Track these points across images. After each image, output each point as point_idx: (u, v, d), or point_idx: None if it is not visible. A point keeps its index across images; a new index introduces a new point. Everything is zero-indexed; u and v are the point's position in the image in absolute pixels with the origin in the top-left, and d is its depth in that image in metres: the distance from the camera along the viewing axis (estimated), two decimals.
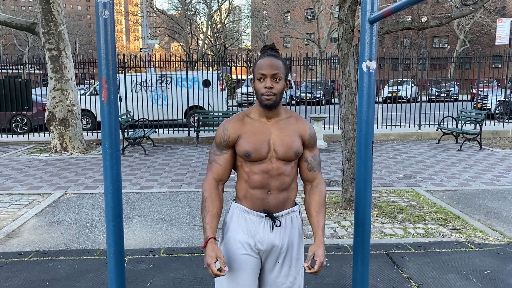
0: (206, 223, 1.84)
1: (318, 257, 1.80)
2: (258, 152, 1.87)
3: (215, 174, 1.93)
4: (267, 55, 1.88)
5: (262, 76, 1.85)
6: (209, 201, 1.88)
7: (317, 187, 2.00)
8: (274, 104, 1.86)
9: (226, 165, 1.93)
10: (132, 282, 3.49)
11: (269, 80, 1.84)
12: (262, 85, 1.85)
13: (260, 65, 1.86)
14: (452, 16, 6.25)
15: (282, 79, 1.86)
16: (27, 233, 4.67)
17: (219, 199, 1.91)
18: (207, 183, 1.92)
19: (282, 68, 1.86)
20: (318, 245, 1.84)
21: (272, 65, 1.84)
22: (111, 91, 2.08)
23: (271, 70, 1.83)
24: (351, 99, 5.29)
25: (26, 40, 43.21)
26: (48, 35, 9.19)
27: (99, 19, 2.06)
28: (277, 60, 1.86)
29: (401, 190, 6.27)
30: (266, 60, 1.85)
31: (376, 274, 3.62)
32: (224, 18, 39.71)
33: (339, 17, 5.27)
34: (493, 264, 3.79)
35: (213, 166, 1.93)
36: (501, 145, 10.25)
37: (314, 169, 2.00)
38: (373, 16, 2.02)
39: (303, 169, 2.00)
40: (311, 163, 1.99)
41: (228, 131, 1.91)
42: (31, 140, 11.13)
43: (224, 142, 1.91)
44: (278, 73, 1.84)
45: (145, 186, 6.66)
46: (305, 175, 2.01)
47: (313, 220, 1.93)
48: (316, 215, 1.93)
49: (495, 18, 30.05)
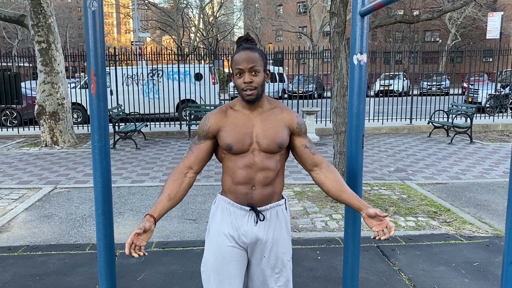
0: (157, 201, 1.87)
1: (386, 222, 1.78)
2: (240, 144, 1.85)
3: (186, 161, 1.94)
4: (242, 48, 1.85)
5: (240, 71, 1.82)
6: (168, 183, 1.90)
7: (330, 166, 1.96)
8: (256, 98, 1.84)
9: (200, 154, 1.93)
10: (123, 276, 3.48)
11: (247, 74, 1.81)
12: (241, 80, 1.83)
13: (236, 60, 1.83)
14: (444, 10, 6.27)
15: (260, 71, 1.83)
16: (17, 228, 4.63)
17: (179, 183, 1.90)
18: (176, 167, 1.95)
19: (259, 60, 1.83)
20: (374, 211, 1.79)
21: (249, 59, 1.81)
22: (100, 84, 2.06)
23: (248, 64, 1.81)
24: (342, 92, 5.29)
25: (16, 32, 42.66)
26: (37, 27, 9.07)
27: (87, 11, 2.03)
28: (252, 52, 1.82)
29: (392, 183, 6.31)
30: (242, 54, 1.82)
31: (367, 266, 3.65)
32: (216, 11, 39.49)
33: (331, 10, 5.26)
34: (482, 256, 3.83)
35: (188, 154, 1.95)
36: (491, 139, 10.34)
37: (316, 153, 1.97)
38: (364, 9, 2.01)
39: (306, 155, 1.96)
40: (311, 147, 1.96)
41: (209, 122, 1.90)
42: (21, 134, 11.02)
43: (203, 133, 1.92)
44: (255, 65, 1.81)
45: (137, 180, 6.63)
46: (310, 160, 1.96)
47: (346, 196, 1.89)
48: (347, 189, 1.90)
49: (486, 12, 30.19)
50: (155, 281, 3.41)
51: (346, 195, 1.89)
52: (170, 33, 39.07)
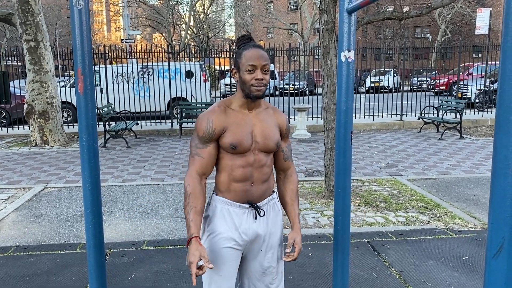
0: (191, 220, 1.79)
1: (297, 244, 1.90)
2: (243, 144, 1.86)
3: (198, 168, 1.87)
4: (253, 46, 1.87)
5: (253, 67, 1.83)
6: (193, 197, 1.83)
7: (291, 176, 2.07)
8: (263, 95, 1.88)
9: (210, 158, 1.89)
10: (114, 275, 3.47)
11: (260, 71, 1.84)
12: (252, 76, 1.83)
13: (249, 56, 1.83)
14: (433, 6, 6.30)
15: (269, 71, 1.88)
16: (7, 228, 4.59)
17: (203, 194, 1.86)
18: (190, 177, 1.86)
19: (269, 60, 1.89)
20: (297, 231, 1.94)
21: (262, 56, 1.84)
22: (88, 83, 2.05)
23: (262, 61, 1.83)
24: (333, 89, 5.30)
25: (4, 31, 42.17)
26: (25, 25, 8.98)
27: (73, 9, 2.01)
28: (263, 51, 1.87)
29: (383, 179, 6.35)
30: (255, 51, 1.84)
31: (358, 262, 3.67)
32: (207, 8, 39.33)
33: (321, 7, 5.26)
34: (471, 250, 3.88)
35: (196, 160, 1.88)
36: (481, 134, 10.44)
37: (289, 159, 2.07)
38: (351, 6, 2.02)
39: (279, 159, 2.04)
40: (286, 153, 2.05)
41: (214, 124, 1.86)
42: (10, 134, 10.92)
43: (208, 136, 1.86)
44: (267, 64, 1.85)
45: (128, 178, 6.60)
46: (280, 165, 2.05)
47: (290, 209, 2.00)
48: (292, 204, 2.00)
49: (475, 8, 30.42)
50: (147, 280, 3.40)
51: (290, 208, 2.02)
52: (160, 30, 38.86)
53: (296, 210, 1.99)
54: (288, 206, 2.00)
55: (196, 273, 1.71)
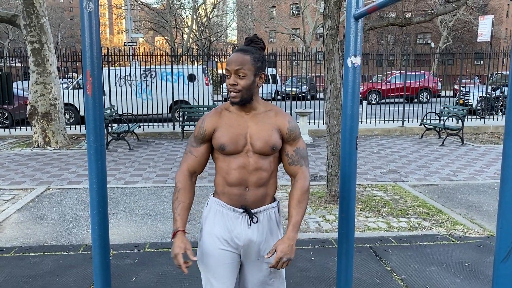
0: (178, 214, 1.85)
1: (277, 252, 1.78)
2: (234, 145, 1.86)
3: (189, 166, 1.93)
4: (236, 50, 1.86)
5: (228, 72, 1.85)
6: (182, 193, 1.88)
7: (298, 181, 1.94)
8: (240, 101, 1.85)
9: (201, 158, 1.93)
10: (117, 277, 3.47)
11: (233, 76, 1.83)
12: (227, 81, 1.85)
13: (227, 60, 1.86)
14: (435, 13, 6.33)
15: (247, 75, 1.82)
16: (9, 229, 4.60)
17: (191, 191, 1.92)
18: (181, 173, 1.92)
19: (248, 64, 1.81)
20: (283, 240, 1.82)
21: (236, 61, 1.82)
22: (96, 85, 2.07)
23: (234, 66, 1.82)
24: (336, 94, 5.32)
25: (7, 32, 42.29)
26: (30, 27, 9.02)
27: (83, 12, 2.04)
28: (244, 54, 1.82)
29: (385, 184, 6.36)
30: (233, 56, 1.84)
31: (360, 267, 3.68)
32: (209, 12, 39.45)
33: (325, 12, 5.29)
34: (474, 256, 3.88)
35: (188, 157, 1.94)
36: (482, 140, 10.44)
37: (296, 163, 1.96)
38: (358, 12, 2.04)
39: (284, 163, 1.98)
40: (292, 157, 1.95)
41: (205, 125, 1.91)
42: (13, 135, 10.94)
43: (200, 135, 1.92)
44: (241, 68, 1.81)
45: (130, 181, 6.61)
46: (287, 169, 1.99)
47: (288, 215, 1.93)
48: (292, 210, 1.90)
49: (477, 15, 30.49)
50: (149, 282, 3.41)
51: (290, 214, 1.90)
52: (163, 34, 38.98)
53: (294, 217, 1.87)
54: (289, 211, 1.93)
55: (181, 265, 1.76)
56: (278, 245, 1.80)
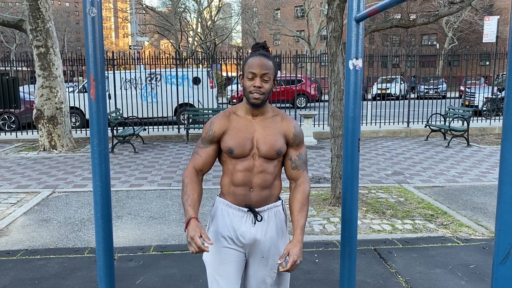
0: (188, 205, 1.87)
1: (292, 256, 1.81)
2: (241, 148, 1.91)
3: (196, 164, 1.98)
4: (258, 54, 1.92)
5: (253, 75, 1.89)
6: (190, 187, 1.92)
7: (300, 186, 1.99)
8: (261, 103, 1.91)
9: (207, 158, 1.98)
10: (121, 280, 3.49)
11: (259, 79, 1.88)
12: (251, 83, 1.89)
13: (251, 63, 1.89)
14: (440, 14, 6.31)
15: (270, 79, 1.91)
16: (16, 232, 4.64)
17: (199, 185, 1.95)
18: (188, 171, 1.97)
19: (271, 69, 1.90)
20: (294, 243, 1.85)
21: (263, 65, 1.88)
22: (99, 89, 2.09)
23: (261, 70, 1.88)
24: (340, 96, 5.32)
25: (13, 37, 42.66)
26: (36, 32, 9.10)
27: (86, 17, 2.06)
28: (267, 60, 1.90)
29: (390, 186, 6.34)
30: (257, 60, 1.89)
31: (364, 269, 3.67)
32: (214, 15, 39.60)
33: (328, 15, 5.30)
34: (479, 258, 3.86)
35: (195, 158, 2.00)
36: (488, 142, 10.39)
37: (299, 168, 2.01)
38: (359, 15, 2.05)
39: (287, 167, 2.03)
40: (295, 162, 2.01)
41: (214, 127, 1.96)
42: (19, 138, 11.02)
43: (209, 137, 1.97)
44: (268, 73, 1.88)
45: (135, 184, 6.64)
46: (289, 173, 2.03)
47: (294, 219, 1.95)
48: (297, 214, 1.93)
49: (482, 16, 30.36)
50: (154, 284, 3.42)
51: (294, 218, 1.94)
52: (168, 37, 39.13)
53: (300, 221, 1.92)
54: (293, 215, 1.95)
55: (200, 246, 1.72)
56: (290, 249, 1.83)
